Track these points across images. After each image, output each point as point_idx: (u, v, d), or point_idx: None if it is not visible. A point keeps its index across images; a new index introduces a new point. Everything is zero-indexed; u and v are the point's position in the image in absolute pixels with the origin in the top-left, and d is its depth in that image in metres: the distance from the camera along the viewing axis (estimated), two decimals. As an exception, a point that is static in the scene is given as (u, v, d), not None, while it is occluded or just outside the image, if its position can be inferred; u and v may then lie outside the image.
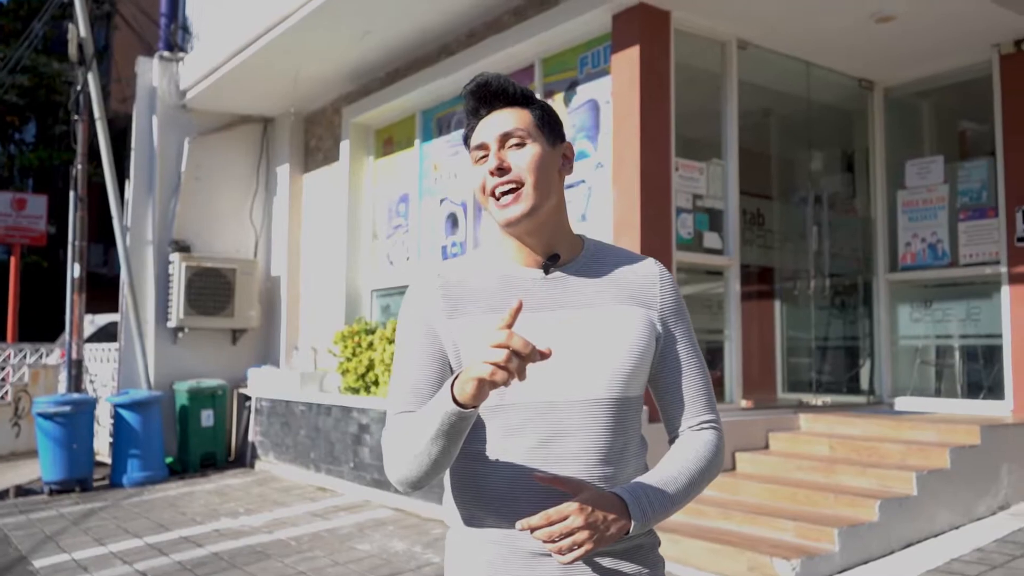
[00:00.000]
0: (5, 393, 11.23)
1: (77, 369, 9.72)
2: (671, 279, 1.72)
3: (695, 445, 1.64)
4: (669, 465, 1.60)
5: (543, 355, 1.32)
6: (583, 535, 1.41)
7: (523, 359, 1.30)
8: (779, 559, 4.59)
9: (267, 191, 10.61)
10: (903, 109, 8.09)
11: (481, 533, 1.59)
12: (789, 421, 6.68)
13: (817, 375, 8.06)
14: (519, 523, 1.43)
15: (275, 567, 5.53)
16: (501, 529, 1.56)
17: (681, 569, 4.92)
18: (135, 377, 9.48)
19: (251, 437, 9.63)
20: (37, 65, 18.22)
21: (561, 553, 1.41)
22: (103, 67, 17.16)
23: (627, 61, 6.13)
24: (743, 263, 6.90)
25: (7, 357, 11.63)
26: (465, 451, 1.58)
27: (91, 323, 12.34)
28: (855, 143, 8.31)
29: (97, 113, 9.65)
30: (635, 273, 1.68)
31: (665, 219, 6.18)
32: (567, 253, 1.67)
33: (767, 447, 6.41)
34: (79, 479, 8.41)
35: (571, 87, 6.87)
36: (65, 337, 10.41)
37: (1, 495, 8.39)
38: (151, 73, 9.95)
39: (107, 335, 11.83)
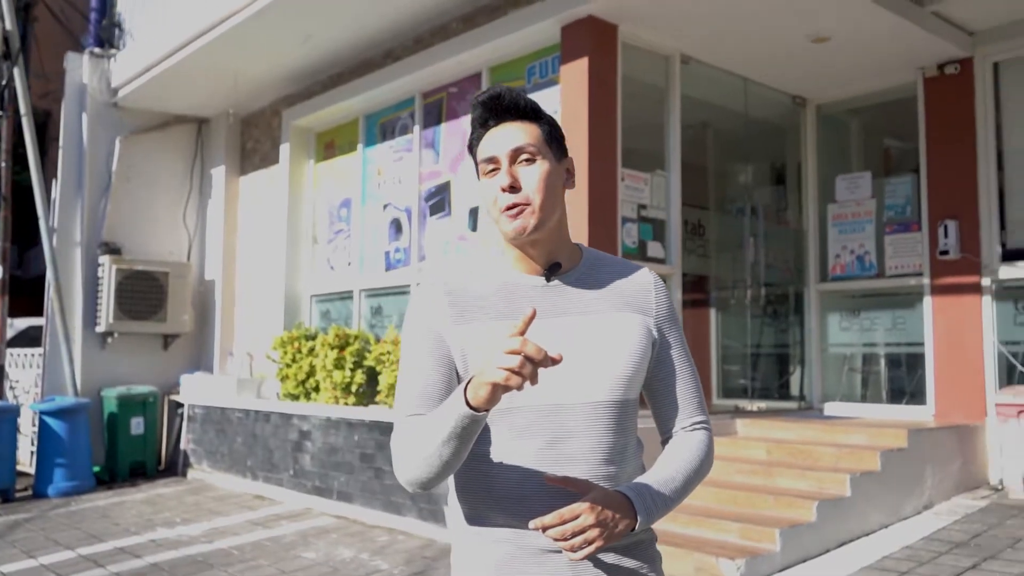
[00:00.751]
0: (-84, 400, 10.70)
1: (-2, 375, 9.35)
2: (664, 287, 1.80)
3: (689, 445, 1.72)
4: (667, 464, 1.68)
5: (554, 361, 1.38)
6: (594, 532, 1.47)
7: (536, 365, 1.36)
8: (725, 559, 4.73)
9: (201, 193, 10.40)
10: (834, 126, 8.43)
11: (490, 532, 1.64)
12: (726, 426, 6.88)
13: (751, 381, 8.31)
14: (532, 523, 1.47)
15: (219, 576, 5.44)
16: (510, 527, 1.61)
17: (629, 571, 5.02)
18: (61, 383, 9.17)
19: (183, 445, 9.41)
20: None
21: (573, 550, 1.47)
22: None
23: (576, 72, 6.24)
24: (684, 272, 7.09)
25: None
26: (473, 452, 1.62)
27: (11, 327, 11.85)
28: (789, 157, 8.61)
29: (23, 109, 9.32)
30: (631, 282, 1.75)
31: (611, 228, 6.31)
32: (567, 262, 1.73)
33: (707, 451, 6.57)
34: (1, 490, 8.08)
35: (519, 96, 6.94)
36: (-16, 341, 9.99)
37: (-84, 507, 8.00)
38: (81, 69, 9.66)
39: (28, 339, 11.37)
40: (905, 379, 7.65)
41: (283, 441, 7.96)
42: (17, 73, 9.28)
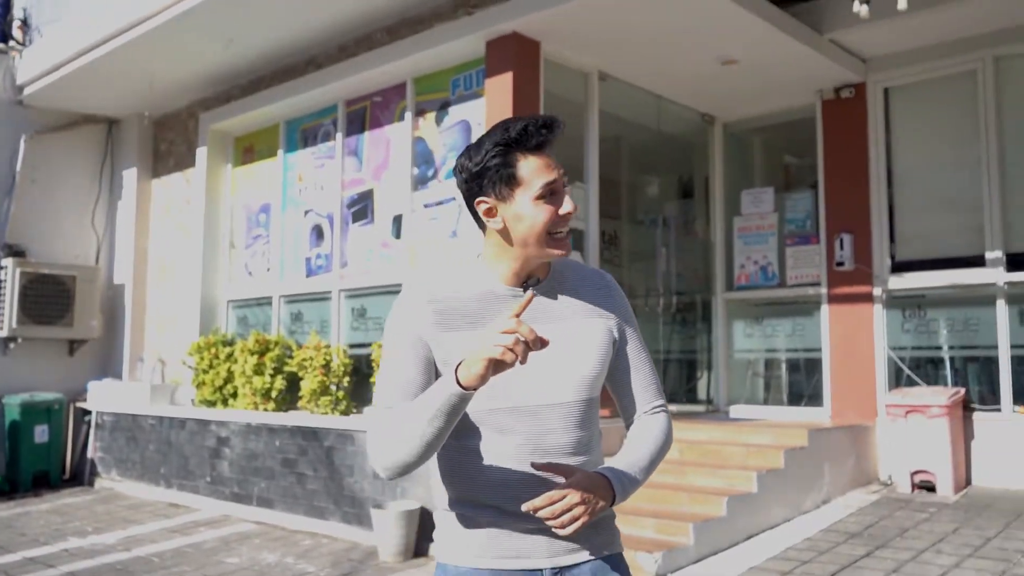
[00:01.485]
0: None
1: None
2: (619, 288, 2.01)
3: (652, 428, 1.94)
4: (636, 446, 1.89)
5: (543, 343, 1.57)
6: (580, 510, 1.66)
7: (527, 345, 1.55)
8: (643, 553, 5.00)
9: (111, 195, 10.16)
10: (739, 143, 8.90)
11: (476, 513, 1.81)
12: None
13: (663, 385, 8.65)
14: (524, 505, 1.66)
15: (142, 583, 5.39)
16: (495, 508, 1.79)
17: (552, 567, 5.23)
18: (-41, 390, 8.81)
19: (91, 454, 9.16)
20: None
21: (563, 527, 1.66)
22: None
23: (501, 86, 6.45)
24: (600, 280, 7.35)
25: None
26: (463, 446, 1.81)
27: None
28: (697, 172, 9.04)
29: (-80, 105, 8.94)
30: (592, 286, 1.95)
31: (533, 237, 6.51)
32: (541, 274, 1.91)
33: (622, 452, 6.86)
34: None
35: (443, 107, 7.11)
36: None
37: None
38: (-17, 66, 9.33)
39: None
40: (804, 382, 8.13)
41: (199, 448, 7.88)
42: (-86, 67, 8.90)
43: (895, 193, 7.57)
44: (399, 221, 7.39)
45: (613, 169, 8.82)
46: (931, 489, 6.58)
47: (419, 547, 5.92)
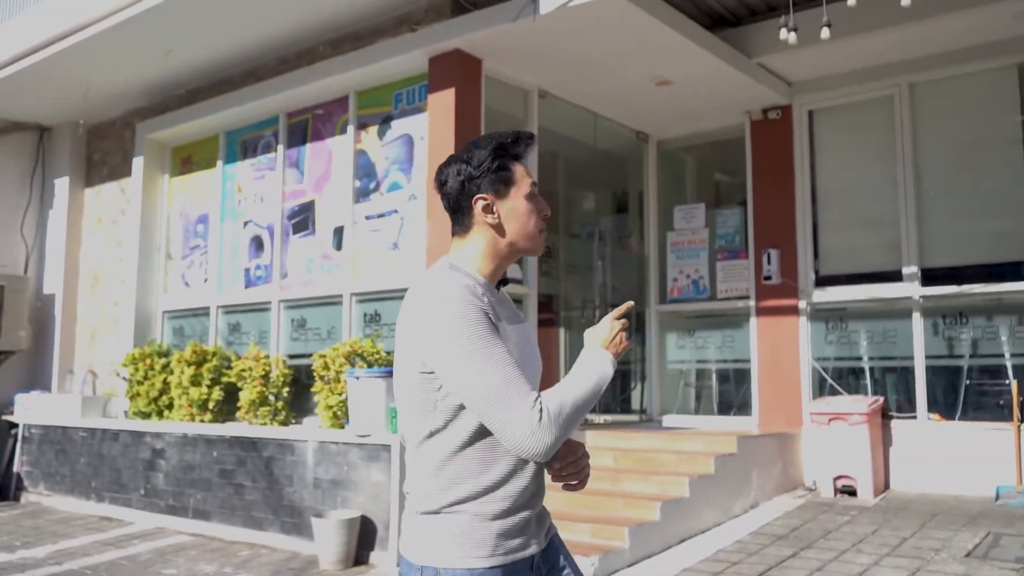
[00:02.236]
0: None
1: None
2: None
3: None
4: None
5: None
6: (589, 470, 1.96)
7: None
8: (579, 557, 5.13)
9: (42, 204, 9.95)
10: (672, 160, 9.20)
11: (490, 512, 1.82)
12: (576, 437, 7.33)
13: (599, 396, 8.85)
14: (558, 467, 1.89)
15: (77, 596, 5.32)
16: (509, 502, 1.83)
17: (492, 572, 5.33)
18: None
19: (17, 468, 8.93)
20: None
21: (582, 484, 1.93)
22: None
23: (443, 101, 6.58)
24: (539, 293, 7.53)
25: None
26: (487, 445, 1.81)
27: None
28: (632, 188, 9.30)
29: None
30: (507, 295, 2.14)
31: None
32: None
33: (559, 460, 7.01)
34: None
35: (385, 121, 7.21)
36: None
37: None
38: (-93, 69, 9.06)
39: None
40: (734, 392, 8.42)
41: (133, 460, 7.77)
42: None
43: (819, 210, 7.94)
44: (340, 233, 7.45)
45: (551, 183, 9.01)
46: (852, 493, 6.89)
47: (359, 555, 5.97)
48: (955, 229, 7.30)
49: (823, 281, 7.81)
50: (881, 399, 7.17)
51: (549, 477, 1.94)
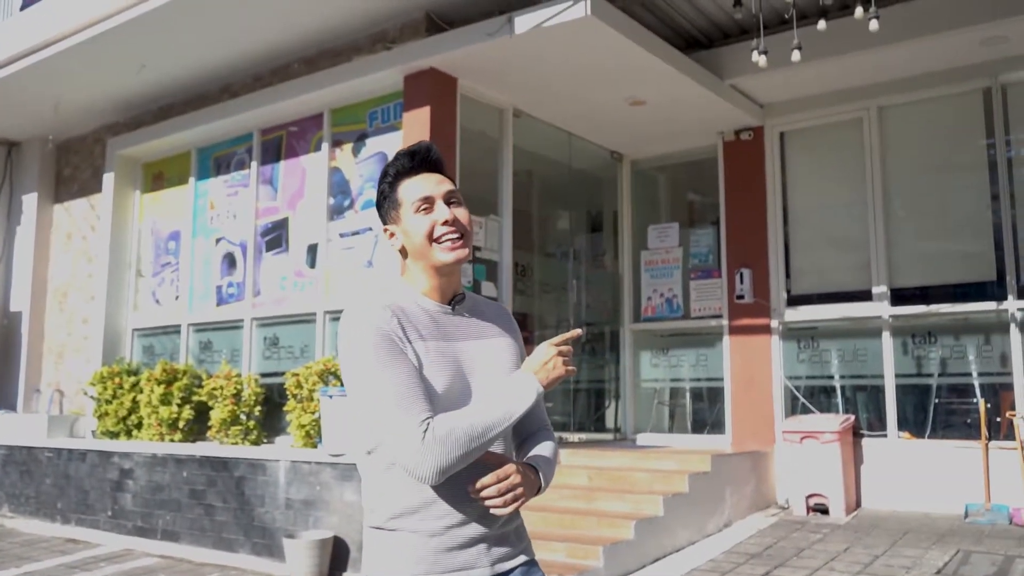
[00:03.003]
0: None
1: None
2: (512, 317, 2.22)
3: (547, 442, 2.08)
4: (543, 450, 2.03)
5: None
6: (520, 490, 1.81)
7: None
8: (554, 577, 5.12)
9: (9, 220, 9.82)
10: (646, 179, 9.27)
11: (423, 528, 1.84)
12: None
13: (573, 415, 8.86)
14: (479, 483, 1.78)
15: (41, 621, 5.20)
16: (442, 522, 1.84)
17: (466, 593, 5.29)
18: None
19: (-20, 489, 8.74)
20: None
21: (506, 505, 1.79)
22: None
23: (418, 120, 6.59)
24: (513, 311, 7.54)
25: None
26: None
27: None
28: (606, 207, 9.36)
29: None
30: (499, 313, 2.14)
31: (448, 268, 6.64)
32: (459, 296, 2.05)
33: (534, 480, 6.99)
34: None
35: (360, 139, 7.20)
36: None
37: None
38: None
39: None
40: (707, 410, 8.46)
41: (101, 481, 7.63)
42: None
43: (790, 230, 8.03)
44: (314, 250, 7.41)
45: (526, 202, 9.05)
46: (824, 511, 6.93)
47: (331, 577, 5.90)
48: (923, 250, 7.41)
49: (795, 300, 7.89)
50: (852, 417, 7.24)
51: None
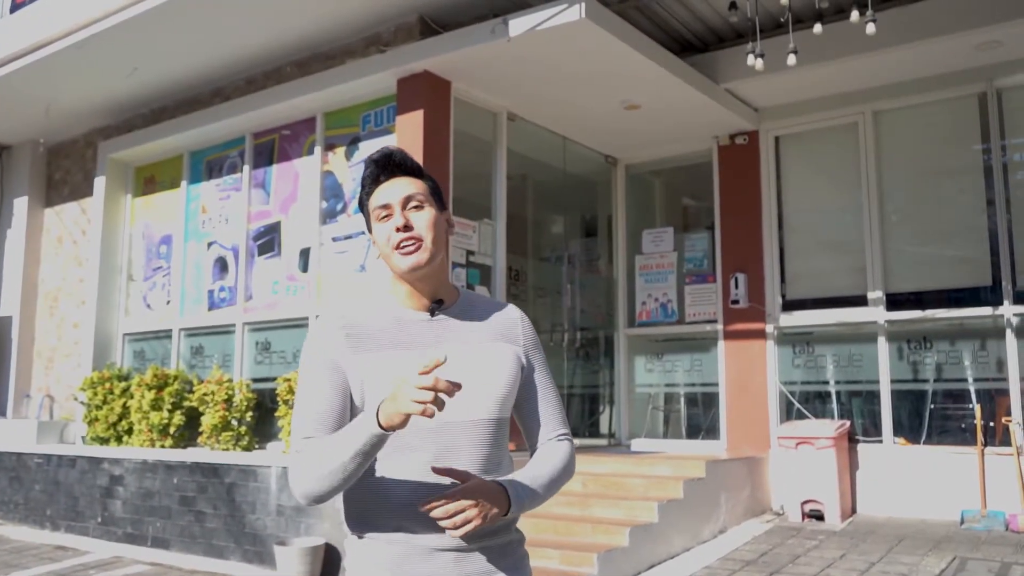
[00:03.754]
0: None
1: None
2: (528, 320, 2.11)
3: (555, 452, 2.00)
4: (536, 465, 1.95)
5: (458, 387, 1.64)
6: (472, 512, 1.70)
7: (439, 395, 1.61)
8: (548, 584, 5.07)
9: (-1, 224, 9.75)
10: (640, 184, 9.23)
11: (384, 535, 1.84)
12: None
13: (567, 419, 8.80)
14: (421, 505, 1.71)
15: (27, 630, 5.13)
16: (402, 531, 1.82)
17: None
18: None
19: (-32, 495, 8.65)
20: None
21: (455, 528, 1.70)
22: None
23: (411, 123, 6.55)
24: (507, 316, 7.46)
25: None
26: (368, 467, 1.83)
27: None
28: (601, 211, 9.33)
29: None
30: (501, 316, 2.04)
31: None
32: (448, 300, 1.99)
33: (528, 486, 6.94)
34: None
35: (353, 142, 7.15)
36: None
37: None
38: None
39: None
40: (702, 416, 8.42)
41: (90, 487, 7.56)
42: None
43: (785, 235, 8.00)
44: (307, 254, 7.36)
45: (520, 207, 9.01)
46: (820, 518, 6.89)
47: (323, 584, 5.83)
48: (919, 255, 7.39)
49: (790, 305, 7.86)
50: (847, 423, 7.20)
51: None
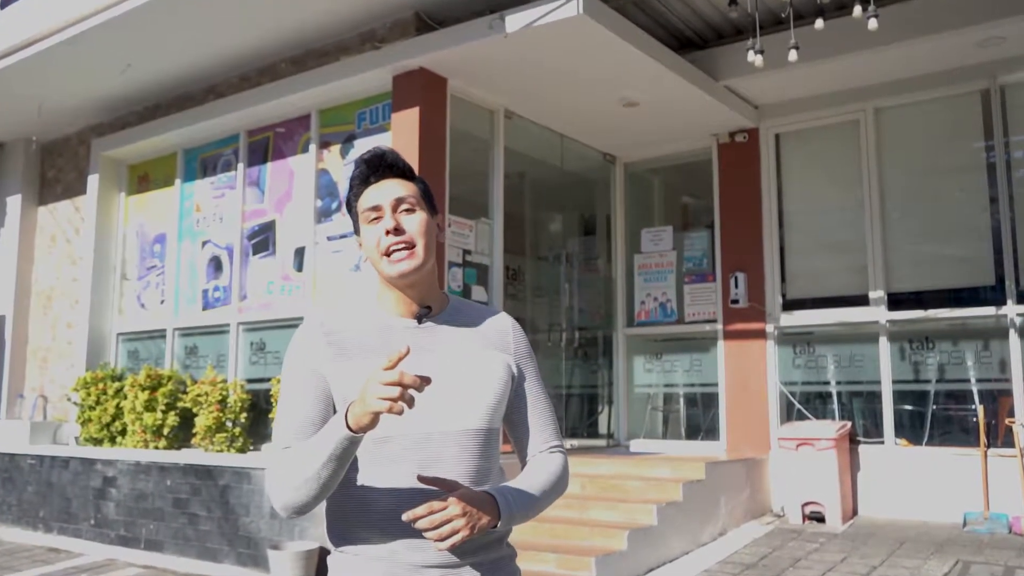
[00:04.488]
0: None
1: None
2: (520, 329, 2.02)
3: (548, 464, 1.92)
4: (528, 476, 1.87)
5: (427, 382, 1.54)
6: (460, 522, 1.62)
7: (411, 392, 1.52)
8: (545, 589, 4.99)
9: (-8, 222, 9.65)
10: (639, 182, 9.15)
11: (367, 550, 1.75)
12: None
13: (565, 420, 8.73)
14: (405, 514, 1.62)
15: (16, 635, 5.05)
16: (386, 545, 1.73)
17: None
18: None
19: (-39, 496, 8.57)
20: None
21: (442, 539, 1.62)
22: None
23: (407, 121, 6.46)
24: (505, 315, 7.38)
25: None
26: (349, 478, 1.75)
27: None
28: (599, 210, 9.24)
29: None
30: (492, 324, 1.97)
31: (438, 272, 6.52)
32: (436, 306, 1.91)
33: (525, 488, 6.87)
34: None
35: (348, 140, 7.07)
36: None
37: None
38: None
39: None
40: (701, 416, 8.34)
41: (84, 489, 7.48)
42: None
43: (785, 234, 7.92)
44: (301, 254, 7.27)
45: (517, 205, 8.92)
46: (821, 520, 6.81)
47: (317, 588, 5.76)
48: (920, 254, 7.31)
49: (790, 305, 7.77)
50: (848, 424, 7.13)
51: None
